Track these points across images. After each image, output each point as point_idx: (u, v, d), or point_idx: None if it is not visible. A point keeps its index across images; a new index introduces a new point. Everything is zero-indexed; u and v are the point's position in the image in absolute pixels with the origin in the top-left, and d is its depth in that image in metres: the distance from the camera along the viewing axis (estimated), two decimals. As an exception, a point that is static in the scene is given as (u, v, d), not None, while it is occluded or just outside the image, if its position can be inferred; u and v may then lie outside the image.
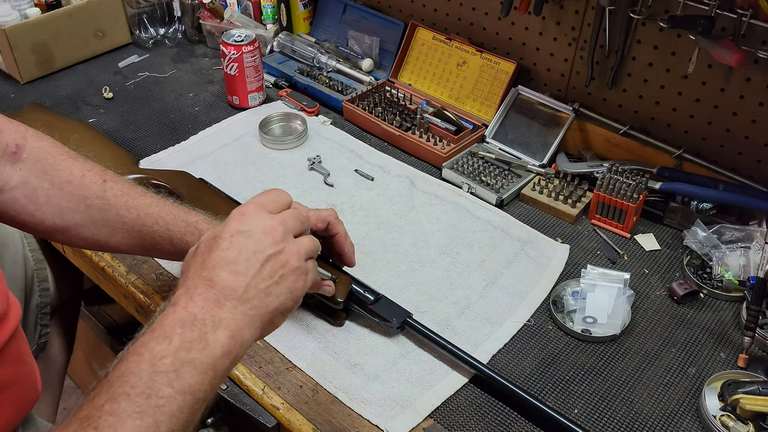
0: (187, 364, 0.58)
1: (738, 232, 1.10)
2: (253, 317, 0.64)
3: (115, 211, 0.86)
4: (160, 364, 0.57)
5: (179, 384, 0.58)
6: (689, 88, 1.22)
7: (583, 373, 0.95)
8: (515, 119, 1.40)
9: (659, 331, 1.02)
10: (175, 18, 1.78)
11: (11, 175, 0.83)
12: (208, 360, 0.60)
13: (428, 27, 1.53)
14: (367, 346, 0.97)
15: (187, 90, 1.59)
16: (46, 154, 0.86)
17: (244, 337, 0.63)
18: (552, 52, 1.38)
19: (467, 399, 0.91)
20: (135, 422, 0.55)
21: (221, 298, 0.62)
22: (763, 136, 1.17)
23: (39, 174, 0.85)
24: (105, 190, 0.86)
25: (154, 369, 0.57)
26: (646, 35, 1.23)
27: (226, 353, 0.61)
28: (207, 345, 0.60)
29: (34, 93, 1.56)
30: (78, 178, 0.86)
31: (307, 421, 0.87)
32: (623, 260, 1.14)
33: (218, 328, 0.61)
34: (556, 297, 1.06)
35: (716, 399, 0.89)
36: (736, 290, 1.06)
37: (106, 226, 0.86)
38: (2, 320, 0.75)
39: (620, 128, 1.31)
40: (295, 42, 1.65)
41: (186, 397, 0.58)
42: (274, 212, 0.69)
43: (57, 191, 0.85)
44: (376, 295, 0.99)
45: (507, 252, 1.14)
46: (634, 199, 1.16)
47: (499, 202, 1.24)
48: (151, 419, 0.55)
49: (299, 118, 1.44)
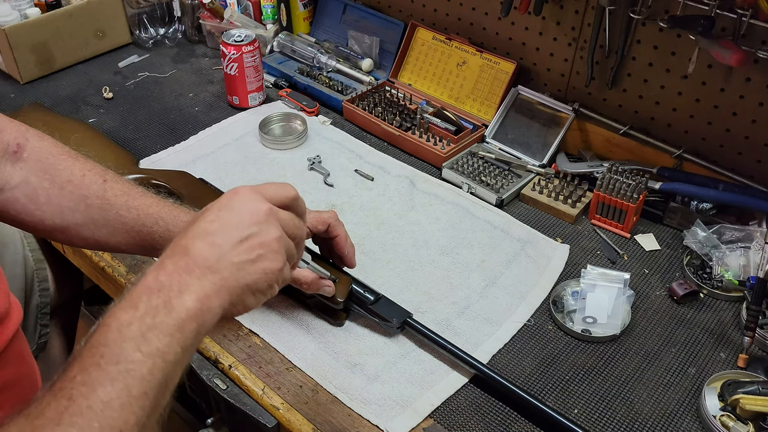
0: (153, 328, 0.59)
1: (738, 232, 1.10)
2: (221, 288, 0.64)
3: (115, 211, 0.86)
4: (127, 330, 0.59)
5: (147, 348, 0.59)
6: (689, 88, 1.22)
7: (583, 373, 0.95)
8: (515, 119, 1.40)
9: (659, 331, 1.02)
10: (175, 18, 1.78)
11: (12, 174, 0.84)
12: (174, 323, 0.61)
13: (428, 27, 1.53)
14: (367, 346, 0.97)
15: (187, 90, 1.59)
16: (46, 154, 0.86)
17: (212, 304, 0.63)
18: (552, 52, 1.38)
19: (467, 399, 0.91)
20: (106, 389, 0.56)
21: (192, 266, 0.63)
22: (763, 136, 1.17)
23: (39, 173, 0.85)
24: (105, 189, 0.87)
25: (122, 336, 0.59)
26: (646, 35, 1.23)
27: (192, 317, 0.62)
28: (172, 309, 0.61)
29: (34, 93, 1.56)
30: (78, 178, 0.86)
31: (307, 421, 0.87)
32: (623, 260, 1.14)
33: (183, 293, 0.61)
34: (556, 297, 1.06)
35: (716, 399, 0.89)
36: (736, 290, 1.06)
37: (106, 226, 0.86)
38: (4, 321, 0.75)
39: (620, 128, 1.31)
40: (295, 42, 1.65)
41: (155, 360, 0.59)
42: (271, 201, 0.69)
43: (57, 191, 0.85)
44: (376, 295, 0.99)
45: (507, 252, 1.14)
46: (634, 199, 1.16)
47: (499, 202, 1.24)
48: (122, 384, 0.57)
49: (299, 118, 1.44)
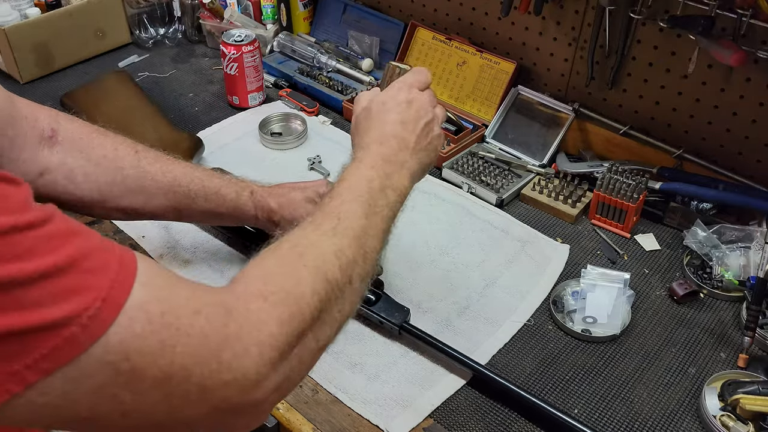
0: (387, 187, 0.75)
1: (738, 232, 1.10)
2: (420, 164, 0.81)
3: (150, 177, 0.92)
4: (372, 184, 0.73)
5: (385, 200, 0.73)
6: (689, 88, 1.22)
7: (583, 373, 0.95)
8: (515, 119, 1.40)
9: (659, 331, 1.02)
10: (175, 18, 1.78)
11: (50, 158, 0.86)
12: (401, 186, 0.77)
13: (428, 27, 1.53)
14: (367, 346, 0.97)
15: (187, 90, 1.59)
16: (79, 134, 0.89)
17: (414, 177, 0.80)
18: (552, 52, 1.38)
19: (467, 399, 0.91)
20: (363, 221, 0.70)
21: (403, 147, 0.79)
22: (763, 136, 1.17)
23: (75, 153, 0.88)
24: (139, 159, 0.92)
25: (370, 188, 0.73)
26: (646, 35, 1.23)
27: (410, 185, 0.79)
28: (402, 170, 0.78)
29: (34, 93, 1.56)
30: (112, 152, 0.90)
31: (307, 421, 0.87)
32: (623, 260, 1.14)
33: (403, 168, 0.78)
34: (556, 297, 1.06)
35: (716, 399, 0.89)
36: (736, 290, 1.06)
37: (142, 193, 0.92)
38: None
39: (620, 128, 1.31)
40: (295, 42, 1.65)
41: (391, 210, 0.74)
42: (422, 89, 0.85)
43: (93, 167, 0.89)
44: (376, 295, 0.99)
45: (507, 252, 1.14)
46: (634, 199, 1.16)
47: (499, 202, 1.24)
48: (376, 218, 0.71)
49: (299, 118, 1.44)
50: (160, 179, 0.93)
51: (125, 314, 0.45)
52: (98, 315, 0.44)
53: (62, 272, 0.43)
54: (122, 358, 0.45)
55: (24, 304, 0.41)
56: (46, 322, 0.42)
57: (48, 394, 0.43)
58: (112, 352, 0.44)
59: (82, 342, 0.43)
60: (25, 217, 0.43)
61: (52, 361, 0.43)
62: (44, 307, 0.42)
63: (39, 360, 0.42)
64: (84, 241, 0.46)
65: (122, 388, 0.46)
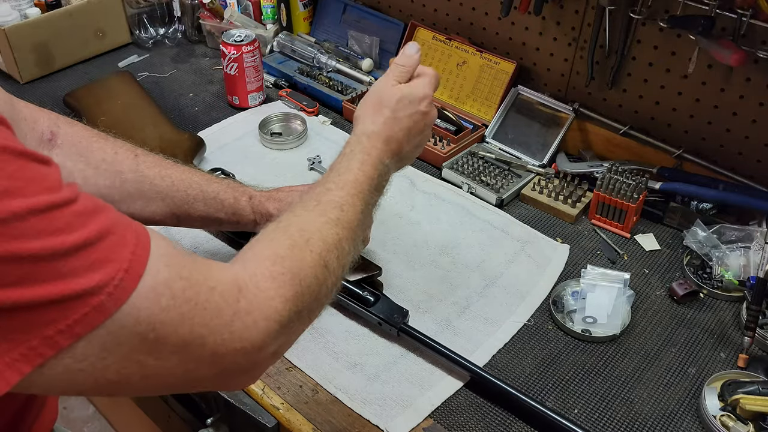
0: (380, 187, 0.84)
1: (738, 232, 1.10)
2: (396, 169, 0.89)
3: (149, 182, 0.92)
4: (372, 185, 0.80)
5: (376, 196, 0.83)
6: (689, 88, 1.22)
7: (583, 373, 0.95)
8: (515, 119, 1.40)
9: (659, 331, 1.02)
10: (175, 18, 1.78)
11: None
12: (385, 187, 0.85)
13: (428, 27, 1.53)
14: (367, 347, 0.97)
15: (187, 90, 1.59)
16: (79, 138, 0.90)
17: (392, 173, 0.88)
18: (552, 52, 1.38)
19: (467, 399, 0.91)
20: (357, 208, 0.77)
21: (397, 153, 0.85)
22: (763, 136, 1.17)
23: (74, 157, 0.88)
24: (138, 163, 0.92)
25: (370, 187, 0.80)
26: (646, 35, 1.23)
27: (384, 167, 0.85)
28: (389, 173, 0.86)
29: (34, 93, 1.56)
30: (111, 156, 0.91)
31: (307, 421, 0.87)
32: (623, 260, 1.14)
33: (390, 171, 0.86)
34: (556, 297, 1.06)
35: (716, 399, 0.89)
36: (736, 290, 1.06)
37: (141, 198, 0.92)
38: None
39: (620, 128, 1.31)
40: (295, 42, 1.65)
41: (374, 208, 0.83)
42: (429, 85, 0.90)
43: (93, 171, 0.89)
44: (375, 296, 0.99)
45: (507, 252, 1.14)
46: (634, 199, 1.16)
47: (499, 202, 1.24)
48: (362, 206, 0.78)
49: (299, 118, 1.44)
50: (158, 183, 0.93)
51: (154, 290, 0.51)
52: (121, 284, 0.49)
53: (92, 245, 0.48)
54: (149, 329, 0.51)
55: (63, 274, 0.46)
56: (80, 290, 0.46)
57: (83, 361, 0.48)
58: (142, 323, 0.50)
59: (108, 308, 0.48)
60: (60, 195, 0.48)
61: (83, 327, 0.47)
62: (79, 277, 0.47)
63: (71, 325, 0.47)
64: (107, 216, 0.51)
65: (147, 354, 0.52)
